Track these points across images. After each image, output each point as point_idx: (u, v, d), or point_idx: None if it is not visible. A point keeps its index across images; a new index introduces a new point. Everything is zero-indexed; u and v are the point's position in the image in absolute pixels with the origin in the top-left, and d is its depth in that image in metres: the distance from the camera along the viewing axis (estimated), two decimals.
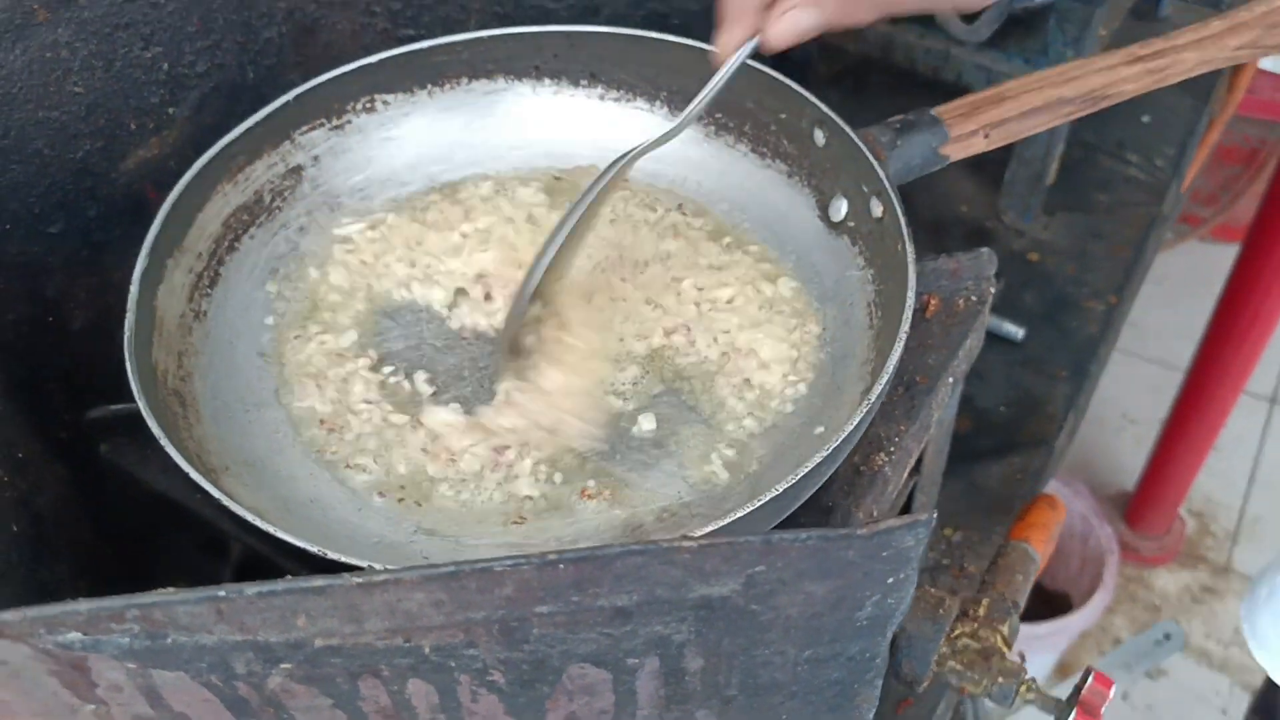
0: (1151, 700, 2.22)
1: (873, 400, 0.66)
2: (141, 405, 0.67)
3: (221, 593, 0.44)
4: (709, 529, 0.61)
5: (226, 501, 0.64)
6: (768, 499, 0.62)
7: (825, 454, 0.64)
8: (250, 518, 0.62)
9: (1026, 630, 1.92)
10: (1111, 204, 1.43)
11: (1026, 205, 1.38)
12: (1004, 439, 1.21)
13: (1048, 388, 1.25)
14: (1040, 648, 2.01)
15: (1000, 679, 0.77)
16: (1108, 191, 1.45)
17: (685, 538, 0.43)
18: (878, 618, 0.48)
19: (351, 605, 0.45)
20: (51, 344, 0.91)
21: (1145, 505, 2.40)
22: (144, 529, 0.91)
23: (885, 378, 0.67)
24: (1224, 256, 2.02)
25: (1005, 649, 0.80)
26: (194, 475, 0.64)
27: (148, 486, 0.81)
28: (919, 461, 0.93)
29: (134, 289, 0.74)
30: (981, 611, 0.83)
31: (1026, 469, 1.18)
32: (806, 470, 0.63)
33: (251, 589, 0.44)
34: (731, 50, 0.71)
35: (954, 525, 1.14)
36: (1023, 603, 0.86)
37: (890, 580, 0.47)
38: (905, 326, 0.69)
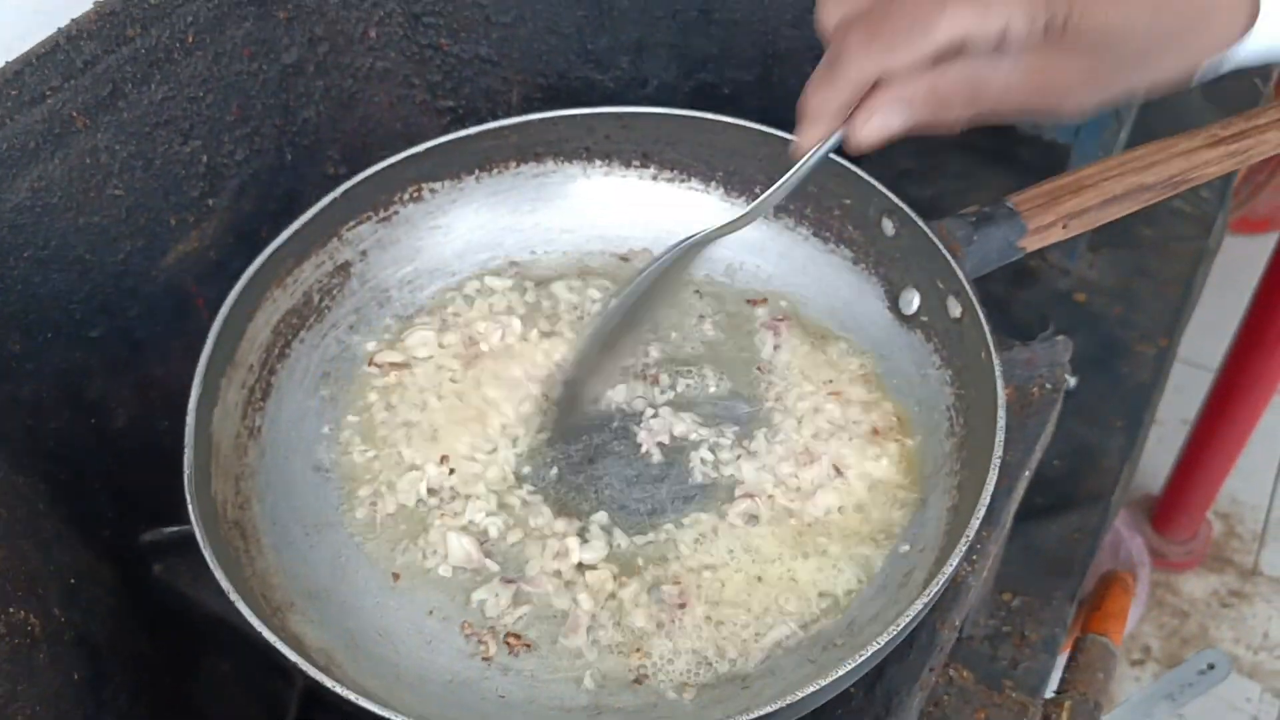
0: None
1: (970, 536, 0.64)
2: (207, 555, 0.65)
3: None
4: (812, 688, 0.58)
5: (295, 658, 0.61)
6: (869, 653, 0.59)
7: (929, 598, 0.61)
8: (328, 683, 0.60)
9: None
10: (1157, 238, 1.40)
11: (1072, 243, 1.34)
12: (1059, 495, 1.18)
13: (1101, 439, 1.22)
14: None
15: None
16: (1152, 225, 1.41)
17: None
18: None
19: None
20: (94, 448, 0.88)
21: (1173, 510, 2.38)
22: (194, 640, 0.89)
23: (978, 517, 0.64)
24: (1245, 250, 1.98)
25: None
26: (266, 633, 0.62)
27: (204, 609, 0.79)
28: None
29: (190, 420, 0.71)
30: (1064, 716, 0.81)
31: (1084, 527, 1.15)
32: (909, 619, 0.60)
33: None
34: (808, 147, 0.66)
35: (1013, 590, 1.11)
36: (1105, 703, 0.84)
37: None
38: (997, 453, 0.67)
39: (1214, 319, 2.12)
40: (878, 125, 0.60)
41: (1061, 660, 1.02)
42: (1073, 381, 1.28)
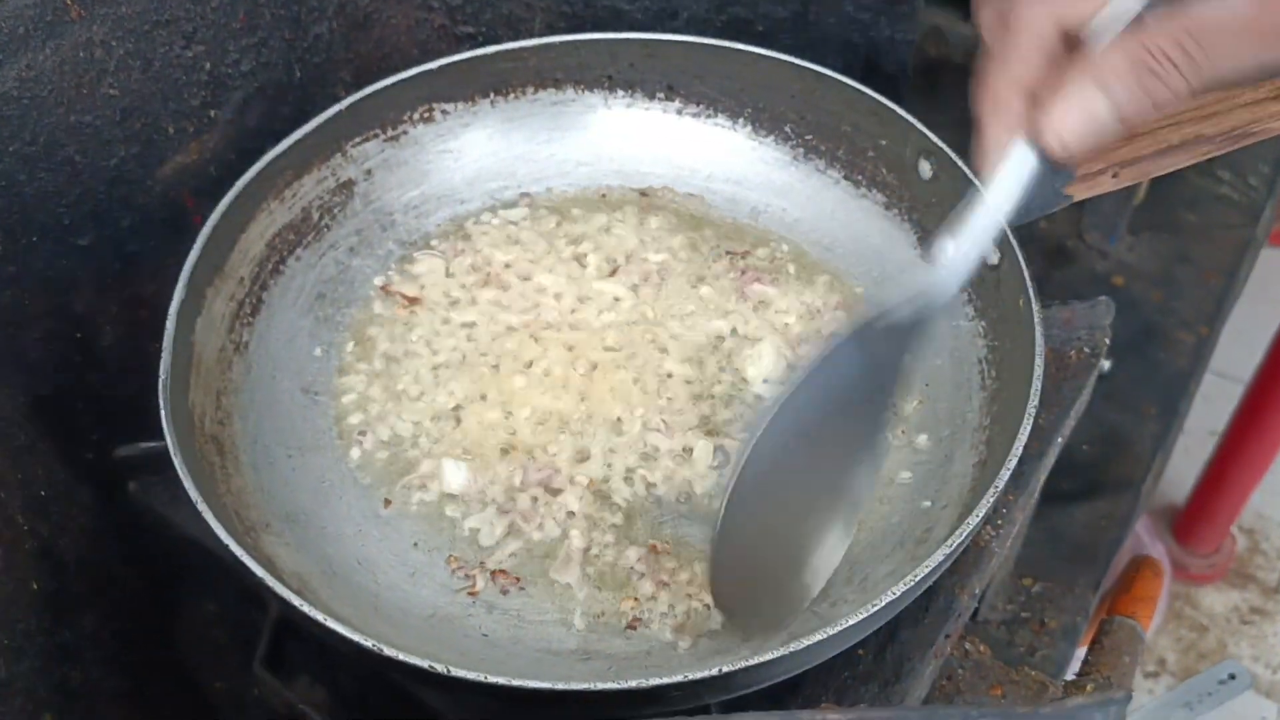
0: None
1: (1000, 489, 0.58)
2: (177, 462, 0.60)
3: None
4: (816, 638, 0.54)
5: (264, 576, 0.57)
6: (883, 604, 0.54)
7: (948, 551, 0.56)
8: (296, 602, 0.56)
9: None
10: (1201, 225, 1.34)
11: (1112, 225, 1.29)
12: (1088, 481, 1.12)
13: (1134, 425, 1.17)
14: None
15: None
16: (1197, 211, 1.35)
17: (827, 708, 0.36)
18: None
19: None
20: (79, 362, 0.84)
21: (1196, 522, 2.32)
22: (176, 567, 0.85)
23: (1008, 469, 0.59)
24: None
25: None
26: (235, 548, 0.57)
27: (179, 531, 0.75)
28: None
29: (170, 325, 0.67)
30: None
31: (1112, 515, 1.10)
32: (927, 570, 0.55)
33: None
34: (993, 160, 0.50)
35: (1034, 575, 1.06)
36: (1130, 686, 0.79)
37: None
38: (1033, 402, 0.62)
39: (1247, 330, 2.06)
40: (1079, 115, 0.46)
41: (1080, 653, 0.97)
42: (1107, 365, 1.23)
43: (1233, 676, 1.71)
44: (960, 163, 0.74)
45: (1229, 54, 0.46)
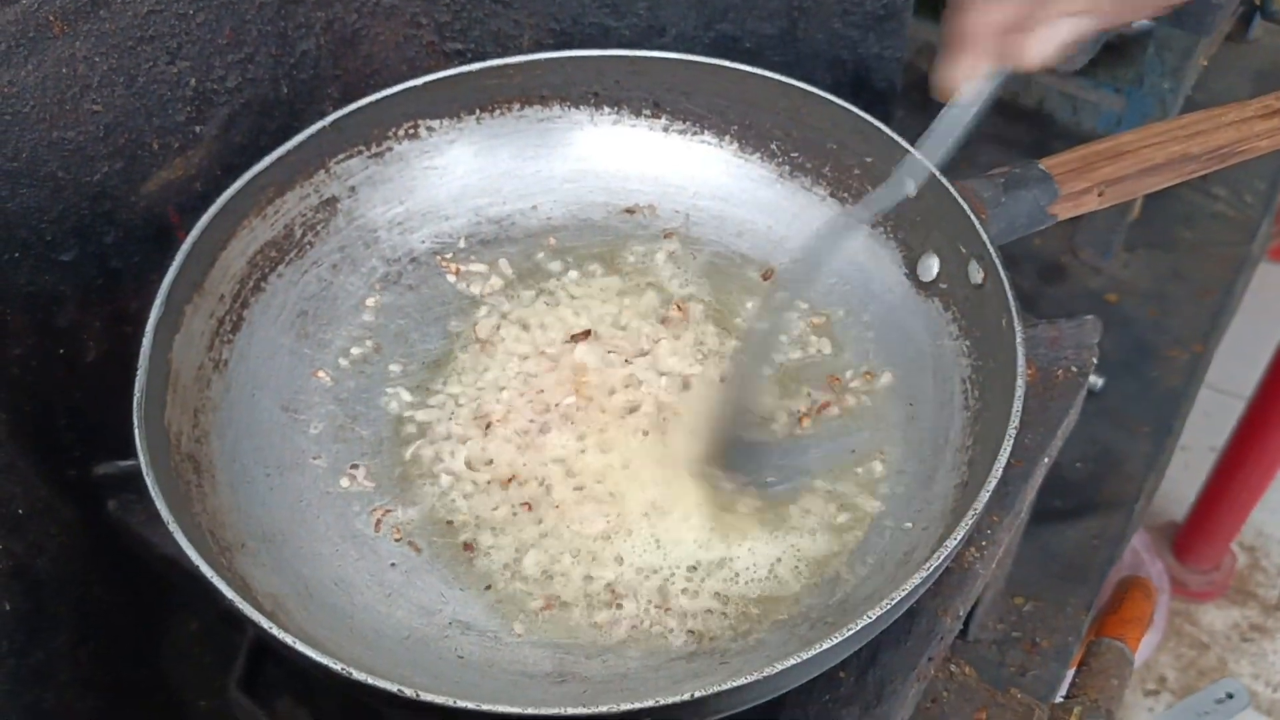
0: None
1: (978, 511, 0.58)
2: (150, 482, 0.60)
3: None
4: (790, 662, 0.53)
5: (234, 598, 0.56)
6: (859, 628, 0.54)
7: (925, 574, 0.55)
8: (266, 625, 0.55)
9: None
10: (1196, 242, 1.34)
11: (1106, 241, 1.28)
12: (1080, 499, 1.12)
13: (1127, 444, 1.16)
14: None
15: None
16: (1192, 228, 1.35)
17: None
18: None
19: None
20: (62, 378, 0.84)
21: (1196, 538, 2.30)
22: (158, 584, 0.84)
23: (987, 491, 0.58)
24: None
25: None
26: (204, 569, 0.57)
27: (157, 550, 0.74)
28: None
29: (146, 342, 0.67)
30: None
31: (1104, 534, 1.09)
32: (904, 594, 0.55)
33: None
34: (958, 81, 0.57)
35: (1025, 594, 1.05)
36: (1118, 711, 0.78)
37: None
38: (1014, 424, 0.61)
39: (1247, 346, 2.05)
40: (1059, 35, 0.54)
41: (1072, 673, 0.96)
42: (1099, 383, 1.22)
43: (1230, 695, 1.69)
44: (943, 180, 0.73)
45: None
